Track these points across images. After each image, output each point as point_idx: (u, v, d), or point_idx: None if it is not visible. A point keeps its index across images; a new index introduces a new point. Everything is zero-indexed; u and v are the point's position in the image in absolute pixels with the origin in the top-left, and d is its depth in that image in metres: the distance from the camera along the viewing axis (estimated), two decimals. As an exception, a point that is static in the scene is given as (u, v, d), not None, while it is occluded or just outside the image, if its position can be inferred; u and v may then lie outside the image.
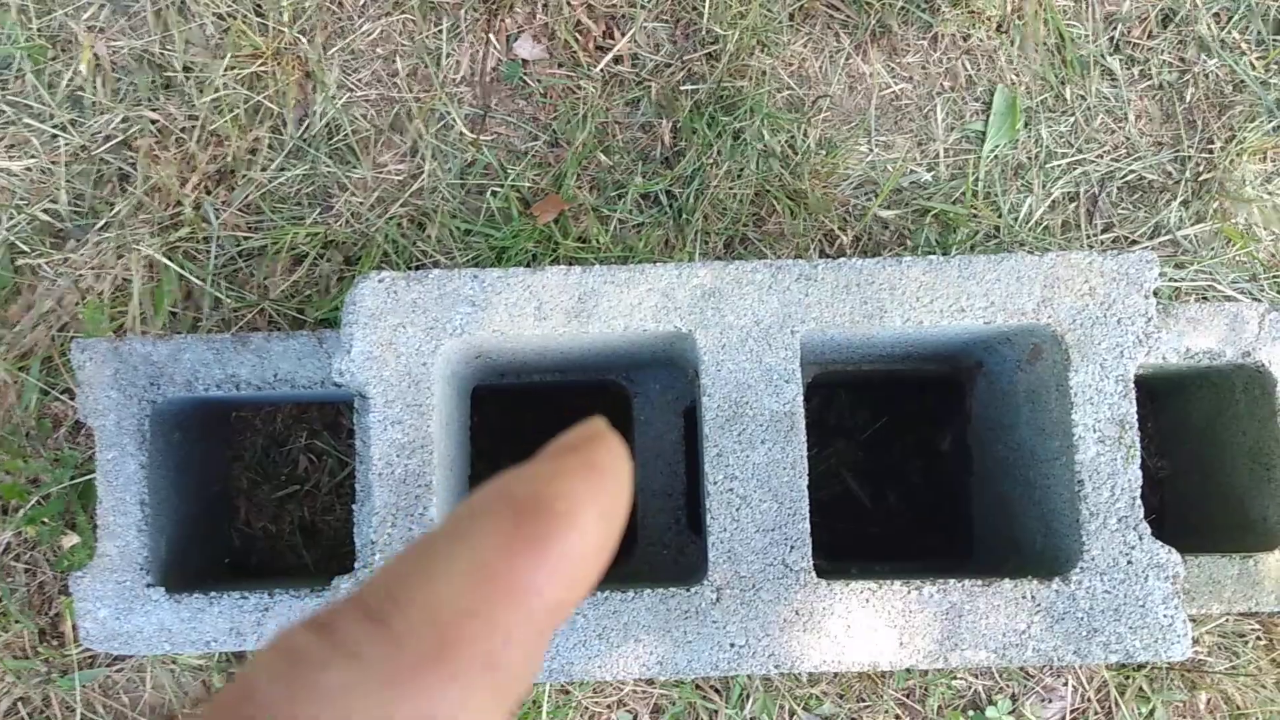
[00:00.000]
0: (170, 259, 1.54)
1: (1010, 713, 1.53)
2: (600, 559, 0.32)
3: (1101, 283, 0.98)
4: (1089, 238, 1.60)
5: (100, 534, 1.24)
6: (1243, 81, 1.64)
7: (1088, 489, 0.96)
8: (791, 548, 0.94)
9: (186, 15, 1.59)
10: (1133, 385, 0.97)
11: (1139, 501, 0.95)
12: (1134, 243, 1.61)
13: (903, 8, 1.62)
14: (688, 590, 0.94)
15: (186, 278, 1.54)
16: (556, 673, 0.92)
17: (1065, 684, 1.54)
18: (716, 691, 1.52)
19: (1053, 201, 1.61)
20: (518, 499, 0.31)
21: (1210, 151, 1.63)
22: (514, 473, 0.32)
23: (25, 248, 1.55)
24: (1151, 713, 1.53)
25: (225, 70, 1.57)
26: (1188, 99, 1.64)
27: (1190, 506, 1.51)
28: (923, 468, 1.58)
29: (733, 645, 0.93)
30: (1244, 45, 1.65)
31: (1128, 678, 1.53)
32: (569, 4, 1.60)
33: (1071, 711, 1.55)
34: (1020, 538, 1.11)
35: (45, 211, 1.56)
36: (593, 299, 0.98)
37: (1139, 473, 0.96)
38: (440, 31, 1.61)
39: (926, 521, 1.50)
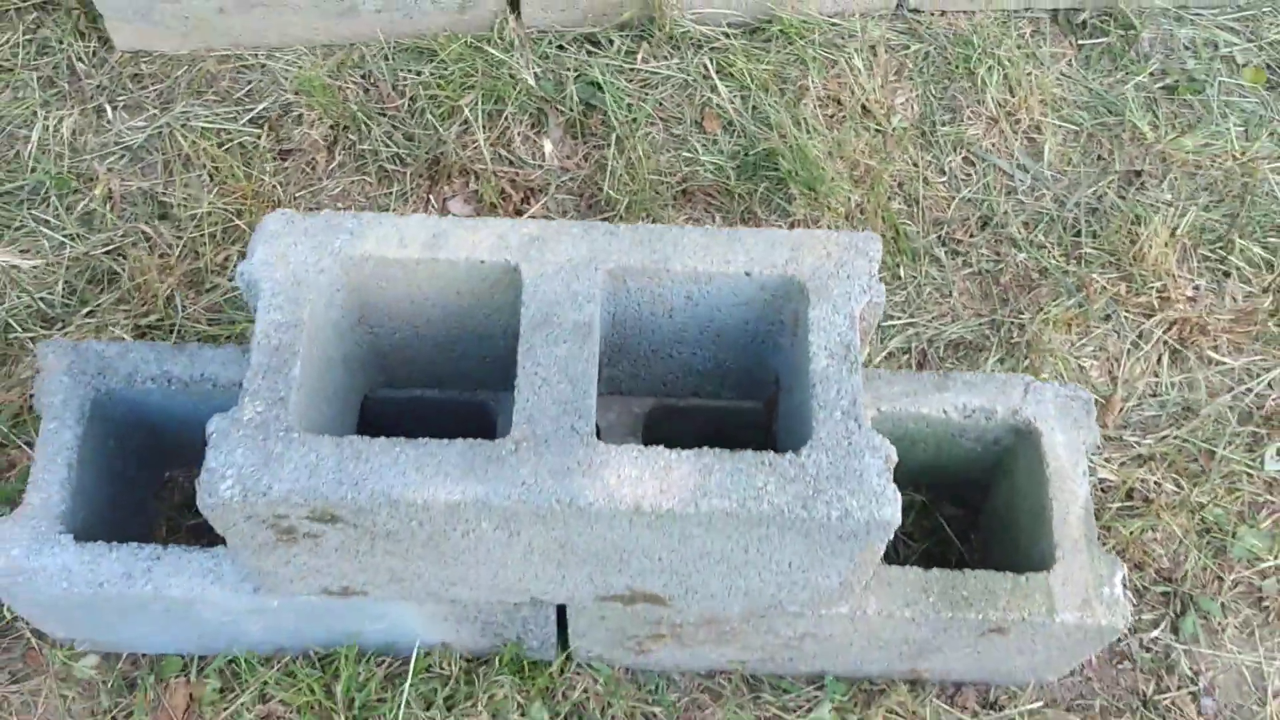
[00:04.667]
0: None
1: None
2: None
3: (837, 250, 1.28)
4: (919, 381, 1.88)
5: (29, 487, 1.44)
6: (1046, 269, 1.99)
7: (818, 389, 1.20)
8: (579, 417, 1.17)
9: (190, 167, 1.99)
10: (857, 321, 1.23)
11: (860, 402, 1.18)
12: (958, 388, 1.88)
13: (764, 196, 2.01)
14: (492, 442, 1.16)
15: (148, 359, 1.82)
16: (379, 495, 1.11)
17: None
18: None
19: (889, 353, 1.91)
20: None
21: (1021, 322, 1.94)
22: None
23: (19, 328, 1.85)
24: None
25: (211, 200, 1.94)
26: (1002, 282, 1.98)
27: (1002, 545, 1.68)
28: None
29: (523, 483, 1.13)
30: (1048, 244, 2.02)
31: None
32: (495, 175, 2.00)
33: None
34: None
35: (42, 300, 1.87)
36: (444, 237, 1.27)
37: (860, 381, 1.20)
38: (390, 194, 1.99)
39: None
